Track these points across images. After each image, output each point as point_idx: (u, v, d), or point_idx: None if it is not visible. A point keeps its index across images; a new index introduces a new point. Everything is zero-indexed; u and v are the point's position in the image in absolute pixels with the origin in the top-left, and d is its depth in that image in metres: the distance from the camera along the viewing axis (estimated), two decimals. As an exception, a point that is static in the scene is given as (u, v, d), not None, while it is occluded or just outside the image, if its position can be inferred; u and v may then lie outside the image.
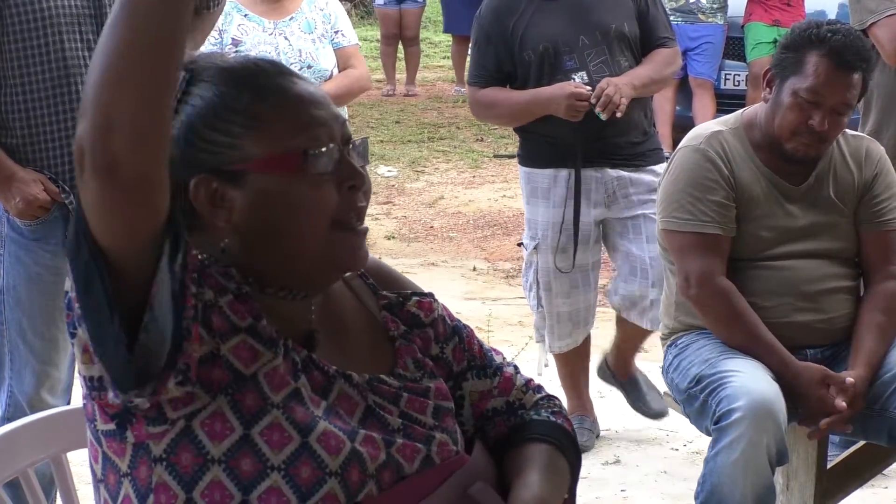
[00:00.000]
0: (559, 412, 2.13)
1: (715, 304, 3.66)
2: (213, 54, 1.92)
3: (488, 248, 8.53)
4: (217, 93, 1.84)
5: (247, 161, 1.81)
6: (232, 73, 1.86)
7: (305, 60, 5.03)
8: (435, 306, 2.09)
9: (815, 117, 3.58)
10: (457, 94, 14.27)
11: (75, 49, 3.57)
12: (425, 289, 2.14)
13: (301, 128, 1.83)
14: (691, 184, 3.68)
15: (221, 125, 1.82)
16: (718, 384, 3.53)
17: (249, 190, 1.81)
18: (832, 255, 3.74)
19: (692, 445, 5.10)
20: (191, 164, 1.81)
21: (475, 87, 4.96)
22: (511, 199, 9.66)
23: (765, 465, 3.38)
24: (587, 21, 4.79)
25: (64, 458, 2.33)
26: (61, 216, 3.63)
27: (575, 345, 5.06)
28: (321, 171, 1.82)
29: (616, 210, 4.90)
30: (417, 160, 10.88)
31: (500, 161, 11.12)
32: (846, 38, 3.59)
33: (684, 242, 3.69)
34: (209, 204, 1.82)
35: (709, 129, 3.78)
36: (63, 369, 3.76)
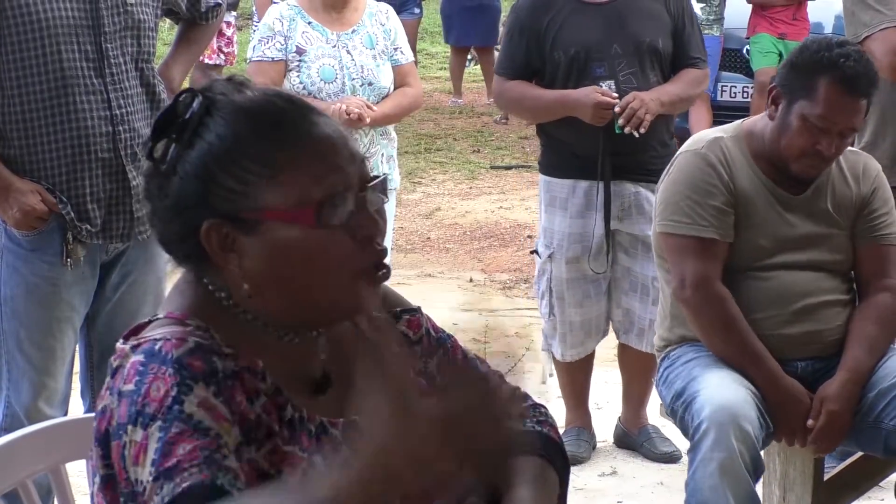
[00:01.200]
0: (545, 421, 2.13)
1: (709, 309, 3.65)
2: (228, 84, 1.87)
3: (485, 259, 8.53)
4: (233, 134, 1.80)
5: (261, 210, 1.78)
6: (250, 114, 1.82)
7: (367, 77, 5.01)
8: (422, 322, 2.10)
9: (824, 142, 3.57)
10: (453, 105, 14.29)
11: (73, 60, 3.57)
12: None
13: (317, 177, 1.79)
14: (691, 187, 3.68)
15: (236, 171, 1.78)
16: (691, 399, 3.55)
17: (262, 239, 1.79)
18: (827, 267, 3.74)
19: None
20: (203, 206, 1.79)
21: (503, 78, 4.94)
22: (508, 211, 9.67)
23: (742, 472, 3.37)
24: (622, 31, 4.79)
25: (62, 469, 2.33)
26: (58, 227, 3.63)
27: (585, 353, 5.06)
28: (335, 224, 1.78)
29: (627, 224, 4.89)
30: (414, 171, 10.89)
31: (497, 172, 11.13)
32: (857, 63, 3.57)
33: (682, 245, 3.69)
34: (220, 249, 1.80)
35: (710, 135, 3.77)
36: (60, 380, 3.76)
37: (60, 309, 3.70)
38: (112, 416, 1.75)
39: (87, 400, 3.90)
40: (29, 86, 3.55)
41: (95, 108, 3.61)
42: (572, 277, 4.94)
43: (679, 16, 4.89)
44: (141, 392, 1.72)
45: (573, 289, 4.95)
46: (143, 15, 3.70)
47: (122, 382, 1.75)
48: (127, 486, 1.72)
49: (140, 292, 3.82)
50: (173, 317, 1.84)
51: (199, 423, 1.70)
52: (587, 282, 4.94)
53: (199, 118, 1.81)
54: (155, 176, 1.84)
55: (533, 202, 9.97)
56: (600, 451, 5.17)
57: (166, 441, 1.68)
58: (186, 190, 1.79)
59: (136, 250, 3.79)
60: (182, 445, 1.68)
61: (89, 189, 3.63)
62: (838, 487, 3.94)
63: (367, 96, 4.97)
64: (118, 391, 1.76)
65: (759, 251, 3.69)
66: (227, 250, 1.80)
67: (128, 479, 1.71)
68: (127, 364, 1.77)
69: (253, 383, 1.80)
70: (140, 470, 1.69)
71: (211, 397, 1.73)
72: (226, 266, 1.81)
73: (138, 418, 1.71)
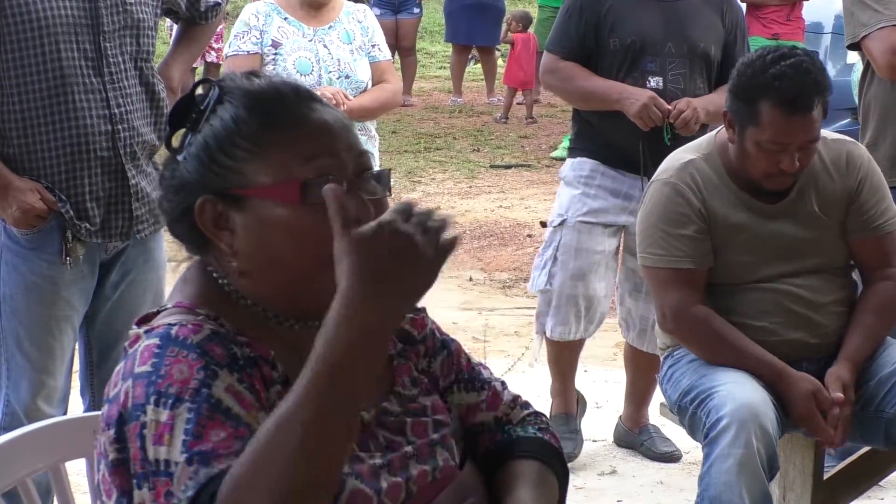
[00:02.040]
0: (546, 428, 2.15)
1: (693, 333, 3.66)
2: (243, 75, 1.93)
3: (485, 258, 8.53)
4: (233, 116, 1.86)
5: (250, 187, 1.83)
6: (251, 96, 1.88)
7: (344, 70, 5.03)
8: (427, 322, 2.11)
9: (784, 160, 3.54)
10: (453, 104, 14.30)
11: (72, 59, 3.57)
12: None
13: (307, 158, 1.83)
14: (662, 219, 3.67)
15: (230, 149, 1.84)
16: (707, 395, 3.53)
17: (250, 215, 1.84)
18: (820, 269, 3.71)
19: (689, 456, 5.10)
20: (201, 184, 1.85)
21: (556, 56, 4.91)
22: (507, 210, 9.67)
23: (758, 470, 3.36)
24: (679, 31, 4.80)
25: (62, 468, 2.32)
26: (57, 225, 3.63)
27: (574, 336, 5.00)
28: (320, 203, 1.78)
29: None
30: (414, 170, 10.89)
31: (497, 171, 11.13)
32: (794, 79, 3.50)
33: (659, 278, 3.69)
34: (213, 225, 1.85)
35: (680, 160, 3.72)
36: (60, 378, 3.76)
37: (60, 307, 3.70)
38: (126, 398, 1.75)
39: (86, 399, 3.90)
40: (28, 84, 3.55)
41: (94, 107, 3.61)
42: (581, 247, 4.89)
43: (732, 29, 4.92)
44: (161, 373, 1.73)
45: (579, 258, 4.90)
46: (142, 14, 3.70)
47: (136, 365, 1.77)
48: (143, 467, 1.72)
49: (139, 291, 3.82)
50: (183, 306, 1.87)
51: (228, 410, 1.72)
52: (593, 254, 4.90)
53: (212, 106, 1.87)
54: (169, 164, 1.91)
55: (532, 201, 9.97)
56: (600, 450, 5.18)
57: (197, 423, 1.70)
58: (188, 168, 1.86)
59: (135, 249, 3.79)
60: (215, 431, 1.70)
61: (88, 188, 3.63)
62: (838, 486, 3.94)
63: (344, 89, 4.99)
64: (132, 374, 1.76)
65: (747, 267, 3.67)
66: (221, 227, 1.85)
67: (144, 460, 1.72)
68: (140, 347, 1.79)
69: (268, 370, 1.83)
70: (166, 450, 1.70)
71: (236, 383, 1.75)
72: (218, 243, 1.86)
73: (161, 399, 1.72)
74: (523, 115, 13.46)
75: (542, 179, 10.79)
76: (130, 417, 1.75)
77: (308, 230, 1.81)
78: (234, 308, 1.87)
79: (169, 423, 1.70)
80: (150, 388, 1.73)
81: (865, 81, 4.49)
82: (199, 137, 1.86)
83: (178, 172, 1.88)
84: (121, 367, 1.81)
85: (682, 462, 5.10)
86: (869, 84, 4.46)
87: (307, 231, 1.81)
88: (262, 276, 1.86)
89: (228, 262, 1.87)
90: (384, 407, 1.95)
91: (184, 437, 1.69)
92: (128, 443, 1.75)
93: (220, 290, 1.89)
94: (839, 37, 11.00)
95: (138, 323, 1.88)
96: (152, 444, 1.71)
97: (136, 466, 1.73)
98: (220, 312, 1.85)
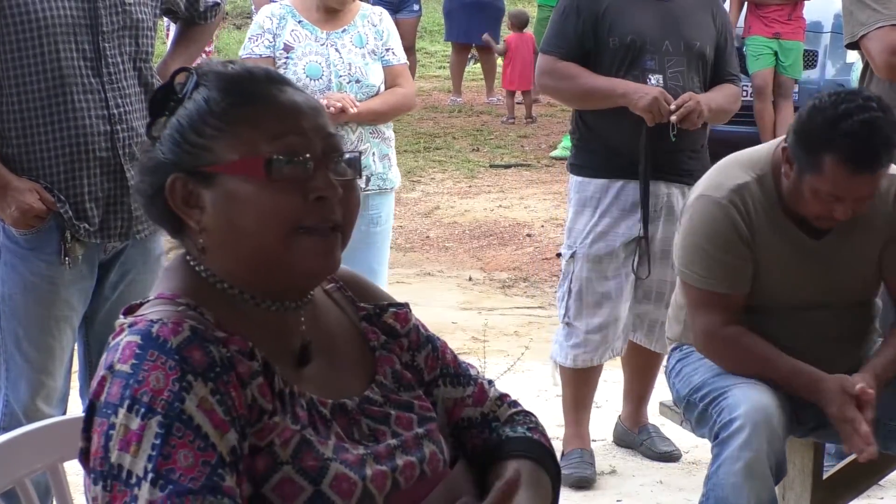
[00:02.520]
0: (535, 428, 2.16)
1: (725, 354, 3.59)
2: (219, 62, 1.97)
3: (484, 258, 8.53)
4: (205, 97, 1.90)
5: (217, 163, 1.87)
6: (223, 77, 1.92)
7: (354, 74, 5.02)
8: (410, 317, 2.13)
9: (838, 209, 3.43)
10: (452, 103, 14.29)
11: (71, 59, 3.57)
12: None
13: (274, 136, 1.87)
14: (707, 239, 3.58)
15: (200, 127, 1.89)
16: (720, 394, 3.52)
17: (218, 191, 1.87)
18: (858, 301, 3.68)
19: (688, 456, 5.10)
20: (173, 164, 1.89)
21: (554, 57, 4.88)
22: (507, 209, 9.67)
23: (767, 475, 3.36)
24: (676, 30, 4.81)
25: (60, 468, 2.32)
26: (56, 226, 3.63)
27: (595, 362, 4.95)
28: (286, 179, 1.85)
29: (653, 228, 4.87)
30: (413, 170, 10.89)
31: (496, 171, 11.13)
32: (863, 140, 3.35)
33: (695, 297, 3.63)
34: (183, 203, 1.89)
35: (734, 180, 3.58)
36: (59, 378, 3.76)
37: (59, 308, 3.70)
38: (101, 390, 1.79)
39: (86, 399, 3.89)
40: (27, 85, 3.55)
41: (93, 108, 3.61)
42: (593, 277, 4.89)
43: (722, 31, 4.94)
44: (138, 377, 1.76)
45: (592, 289, 4.90)
46: (141, 14, 3.70)
47: (118, 360, 1.80)
48: (101, 465, 1.76)
49: (138, 291, 3.82)
50: (164, 296, 1.90)
51: (199, 429, 1.75)
52: (608, 282, 4.89)
53: (190, 93, 1.92)
54: (149, 151, 1.94)
55: (532, 200, 9.97)
56: (600, 449, 5.17)
57: (166, 442, 1.73)
58: (162, 150, 1.90)
59: (134, 249, 3.79)
60: (183, 452, 1.73)
61: (87, 188, 3.63)
62: (837, 486, 3.93)
63: (354, 93, 4.98)
64: (111, 368, 1.80)
65: (782, 295, 3.60)
66: (191, 205, 1.89)
67: (105, 459, 1.75)
68: (122, 341, 1.81)
69: (245, 366, 1.84)
70: (130, 459, 1.73)
71: (209, 396, 1.78)
72: (188, 221, 1.90)
73: (134, 405, 1.75)
74: (523, 114, 13.46)
75: (541, 179, 10.79)
76: (100, 412, 1.78)
77: (272, 205, 1.85)
78: (212, 294, 1.90)
79: (138, 433, 1.74)
80: (126, 392, 1.76)
81: (865, 81, 4.49)
82: (172, 119, 1.91)
83: (152, 154, 1.92)
84: (104, 356, 1.84)
85: (682, 461, 5.10)
86: (868, 83, 4.45)
87: (271, 206, 1.85)
88: (227, 251, 1.89)
89: (196, 240, 1.90)
90: (366, 395, 1.97)
91: (150, 451, 1.73)
92: (91, 433, 1.79)
93: (198, 278, 1.92)
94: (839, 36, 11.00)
95: (125, 312, 1.91)
96: (117, 448, 1.75)
97: (96, 462, 1.77)
98: (199, 301, 1.88)
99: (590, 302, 4.90)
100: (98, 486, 1.76)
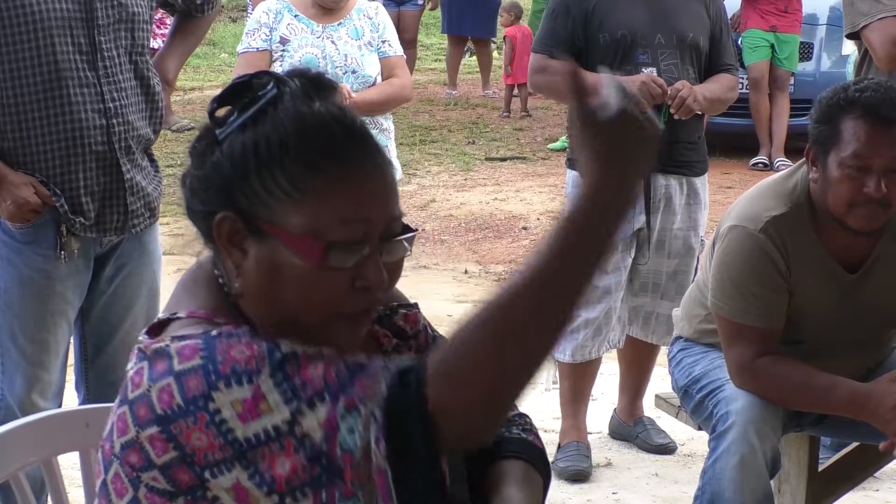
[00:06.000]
0: (530, 430, 2.16)
1: (759, 387, 3.46)
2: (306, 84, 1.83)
3: (480, 250, 8.53)
4: (279, 142, 1.77)
5: (275, 225, 1.76)
6: (302, 127, 1.78)
7: (350, 65, 5.05)
8: (419, 318, 2.10)
9: (869, 183, 3.32)
10: (448, 96, 14.28)
11: (66, 53, 3.57)
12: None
13: (342, 220, 1.77)
14: (742, 273, 3.48)
15: (267, 178, 1.77)
16: (718, 387, 3.52)
17: (267, 251, 1.78)
18: (881, 340, 3.66)
19: (683, 448, 5.10)
20: (227, 193, 1.79)
21: (545, 56, 4.88)
22: (503, 202, 9.66)
23: (763, 470, 3.36)
24: (667, 22, 4.82)
25: (54, 462, 2.33)
26: (52, 220, 3.63)
27: (592, 356, 4.95)
28: (339, 268, 1.77)
29: (651, 220, 4.87)
30: (409, 163, 10.88)
31: (492, 164, 11.13)
32: (877, 92, 3.35)
33: (730, 331, 3.52)
34: (228, 241, 1.80)
35: (770, 212, 3.47)
36: (54, 372, 3.76)
37: (54, 302, 3.70)
38: (171, 398, 1.70)
39: (81, 392, 3.90)
40: (22, 79, 3.54)
41: (89, 101, 3.60)
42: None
43: (716, 21, 4.94)
44: (218, 360, 1.70)
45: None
46: (136, 8, 3.70)
47: (177, 364, 1.71)
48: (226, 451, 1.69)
49: (134, 285, 3.82)
50: (198, 316, 1.82)
51: (307, 352, 1.71)
52: (607, 276, 4.85)
53: (266, 104, 1.79)
54: (206, 137, 1.84)
55: (528, 193, 9.97)
56: (595, 442, 5.17)
57: (289, 380, 1.68)
58: (220, 171, 1.79)
59: (130, 243, 3.79)
60: (311, 371, 1.69)
61: (83, 182, 3.63)
62: (833, 478, 3.94)
63: (350, 84, 5.01)
64: (172, 372, 1.71)
65: (815, 329, 3.53)
66: (235, 245, 1.80)
67: (230, 444, 1.68)
68: (174, 348, 1.73)
69: None
70: (268, 417, 1.67)
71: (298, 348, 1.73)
72: (227, 259, 1.82)
73: (230, 380, 1.68)
74: (518, 107, 13.45)
75: (537, 172, 10.78)
76: (184, 413, 1.70)
77: (318, 289, 1.77)
78: (245, 321, 1.81)
79: (256, 395, 1.68)
80: (210, 378, 1.69)
81: (862, 71, 4.49)
82: (239, 141, 1.78)
83: (208, 161, 1.81)
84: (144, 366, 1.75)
85: (677, 454, 5.10)
86: (865, 74, 4.45)
87: (317, 289, 1.77)
88: (261, 305, 1.82)
89: (231, 279, 1.83)
90: None
91: (285, 395, 1.67)
92: (183, 439, 1.70)
93: (230, 302, 1.84)
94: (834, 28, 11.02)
95: (148, 332, 1.82)
96: (241, 422, 1.68)
97: (212, 457, 1.69)
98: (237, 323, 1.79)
99: (591, 297, 4.88)
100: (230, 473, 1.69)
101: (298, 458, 1.69)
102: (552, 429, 5.17)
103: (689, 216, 4.92)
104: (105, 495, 1.80)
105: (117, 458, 1.77)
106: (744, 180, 10.14)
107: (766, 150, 11.06)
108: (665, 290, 4.94)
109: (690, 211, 4.92)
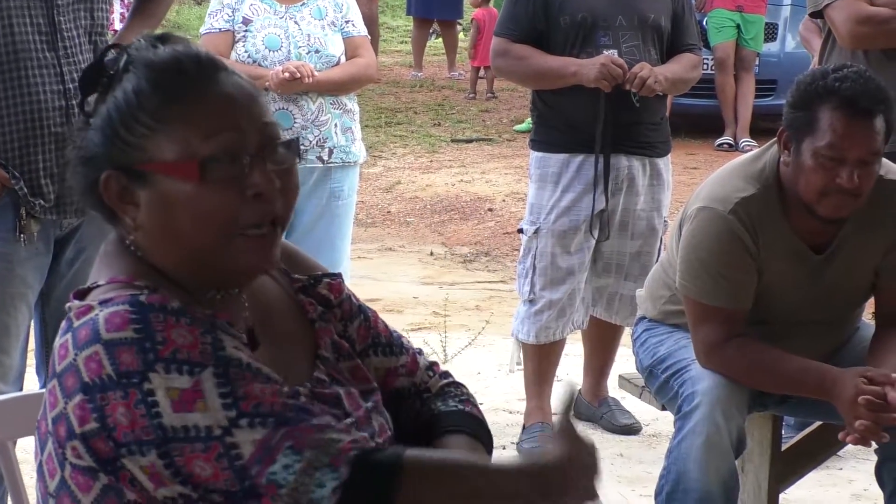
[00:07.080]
0: (467, 400, 2.16)
1: (728, 369, 3.46)
2: (149, 42, 1.90)
3: (445, 232, 8.53)
4: (135, 88, 1.84)
5: (151, 162, 1.82)
6: (153, 67, 1.85)
7: (314, 45, 5.05)
8: (343, 287, 2.12)
9: (842, 174, 3.30)
10: (413, 78, 14.27)
11: (24, 33, 3.53)
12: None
13: (208, 134, 1.82)
14: (712, 254, 3.47)
15: (131, 124, 1.83)
16: (683, 367, 3.53)
17: (153, 191, 1.82)
18: (848, 316, 3.68)
19: (648, 429, 5.11)
20: (106, 158, 1.84)
21: (507, 39, 4.88)
22: (468, 184, 9.66)
23: (728, 449, 3.36)
24: (628, 4, 4.81)
25: (9, 445, 2.30)
26: (11, 203, 3.59)
27: (557, 336, 4.97)
28: (222, 179, 1.80)
29: (614, 202, 4.87)
30: (374, 145, 10.86)
31: (458, 146, 11.13)
32: (856, 82, 3.31)
33: (698, 312, 3.51)
34: (118, 199, 1.85)
35: (738, 193, 3.45)
36: (15, 356, 3.73)
37: (14, 285, 3.66)
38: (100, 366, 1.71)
39: (42, 376, 3.87)
40: (-21, 60, 3.51)
41: (48, 82, 3.57)
42: (557, 252, 4.89)
43: (678, 1, 4.93)
44: (156, 339, 1.72)
45: (556, 264, 4.90)
46: (95, -13, 3.67)
47: (104, 331, 1.73)
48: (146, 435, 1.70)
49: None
50: (119, 280, 1.85)
51: (249, 366, 1.75)
52: (571, 257, 4.89)
53: (120, 73, 1.86)
54: (81, 130, 1.89)
55: (493, 175, 9.97)
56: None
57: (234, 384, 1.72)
58: (93, 141, 1.85)
59: (90, 226, 3.76)
60: (255, 385, 1.73)
61: (42, 164, 3.60)
62: (796, 457, 3.95)
63: (313, 63, 5.00)
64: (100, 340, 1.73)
65: (783, 310, 3.54)
66: (126, 202, 1.85)
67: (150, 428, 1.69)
68: (102, 315, 1.75)
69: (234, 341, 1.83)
70: (200, 416, 1.70)
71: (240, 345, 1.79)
72: (123, 217, 1.86)
73: (171, 365, 1.70)
74: (484, 89, 13.45)
75: (503, 153, 10.78)
76: (113, 386, 1.71)
77: (208, 207, 1.80)
78: (162, 280, 1.85)
79: (195, 390, 1.70)
80: (148, 356, 1.71)
81: (825, 51, 4.49)
82: (103, 109, 1.85)
83: (85, 142, 1.87)
84: (68, 337, 1.78)
85: (642, 434, 5.11)
86: (829, 54, 4.46)
87: (207, 208, 1.80)
88: (164, 250, 1.85)
89: (129, 235, 1.87)
90: (315, 377, 1.96)
91: (224, 399, 1.71)
92: (107, 411, 1.71)
93: (145, 264, 1.87)
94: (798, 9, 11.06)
95: (76, 296, 1.86)
96: (172, 411, 1.69)
97: (128, 436, 1.70)
98: (156, 285, 1.83)
99: (553, 278, 4.91)
100: (147, 456, 1.70)
101: (220, 465, 1.71)
102: (517, 410, 5.17)
103: (653, 197, 4.92)
104: (42, 478, 1.82)
105: (51, 435, 1.78)
106: (709, 161, 10.17)
107: (731, 131, 11.09)
108: (629, 270, 4.94)
109: (654, 192, 4.92)
